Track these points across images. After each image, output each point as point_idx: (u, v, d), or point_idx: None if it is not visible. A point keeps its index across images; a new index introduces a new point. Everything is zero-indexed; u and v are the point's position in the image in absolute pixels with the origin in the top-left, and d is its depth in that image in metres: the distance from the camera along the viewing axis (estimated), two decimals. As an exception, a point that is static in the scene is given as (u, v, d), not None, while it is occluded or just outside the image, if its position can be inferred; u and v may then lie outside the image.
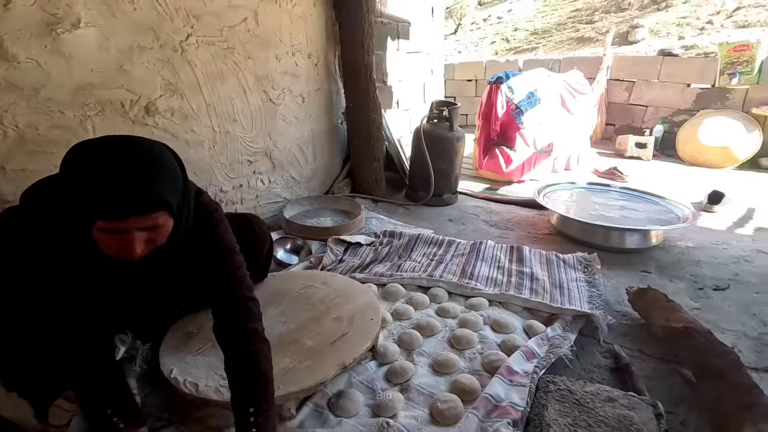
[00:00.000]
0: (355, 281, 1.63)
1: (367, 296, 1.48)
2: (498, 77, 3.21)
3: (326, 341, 1.25)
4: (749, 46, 3.85)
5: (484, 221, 2.64)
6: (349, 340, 1.26)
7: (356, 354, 1.20)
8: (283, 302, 1.45)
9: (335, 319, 1.36)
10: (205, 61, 1.96)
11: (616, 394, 1.09)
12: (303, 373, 1.13)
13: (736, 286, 1.87)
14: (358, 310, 1.40)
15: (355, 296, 1.48)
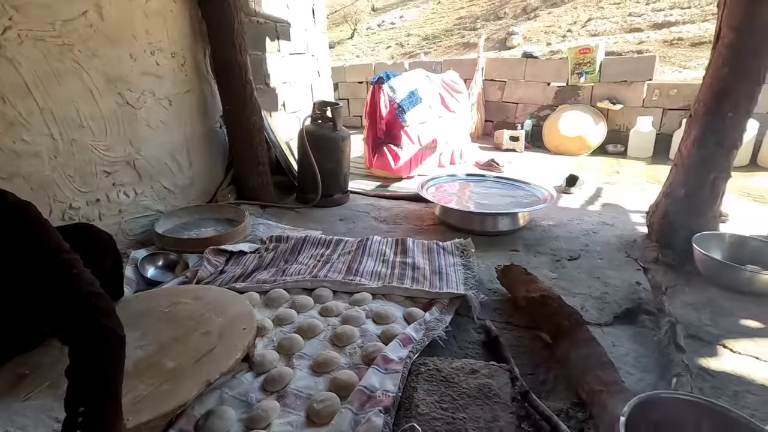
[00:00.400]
0: (231, 292, 1.54)
1: (242, 306, 1.40)
2: (379, 78, 3.30)
3: (190, 359, 1.15)
4: (590, 50, 4.49)
5: (374, 218, 2.69)
6: (216, 355, 1.17)
7: (223, 368, 1.12)
8: (143, 324, 1.31)
9: (203, 334, 1.26)
10: (33, 60, 1.70)
11: (479, 365, 1.17)
12: (159, 398, 1.02)
13: (585, 255, 2.14)
14: (230, 321, 1.31)
15: (227, 307, 1.38)
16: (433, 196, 2.65)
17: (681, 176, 1.97)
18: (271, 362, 1.30)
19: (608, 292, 1.80)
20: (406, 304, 1.66)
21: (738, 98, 1.77)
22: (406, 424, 0.99)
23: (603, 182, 3.51)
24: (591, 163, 4.24)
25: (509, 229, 2.40)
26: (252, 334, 1.27)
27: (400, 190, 3.20)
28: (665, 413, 0.94)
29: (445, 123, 3.76)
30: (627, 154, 4.40)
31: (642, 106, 4.40)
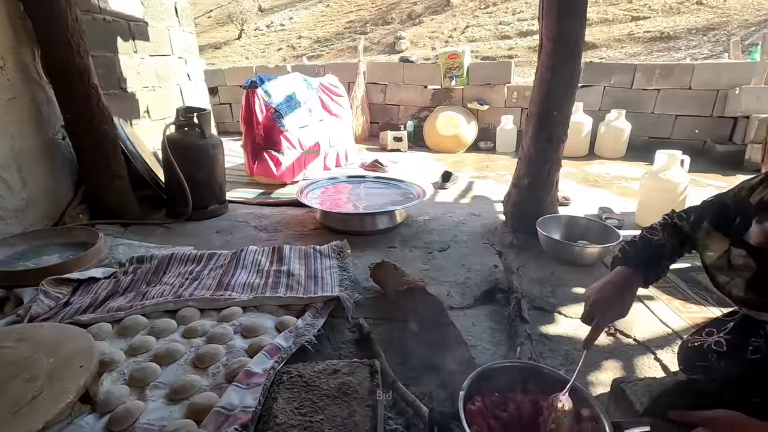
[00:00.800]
0: (71, 327, 1.35)
1: (80, 341, 1.23)
2: (252, 81, 3.19)
3: (6, 412, 0.99)
4: (458, 55, 4.89)
5: (254, 227, 2.59)
6: (41, 402, 1.02)
7: (48, 416, 0.98)
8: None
9: (26, 380, 1.08)
10: None
11: (341, 364, 1.20)
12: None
13: (454, 245, 2.33)
14: (64, 360, 1.15)
15: (62, 346, 1.21)
16: (313, 201, 2.65)
17: (524, 168, 2.25)
18: (119, 399, 1.17)
19: (471, 277, 1.97)
20: (280, 313, 1.63)
21: (560, 99, 2.07)
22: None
23: (474, 176, 3.84)
24: (466, 159, 4.62)
25: (388, 226, 2.50)
26: (90, 371, 1.12)
27: (284, 197, 3.14)
28: (498, 381, 1.06)
29: (327, 126, 3.78)
30: (496, 149, 4.88)
31: (504, 106, 4.92)
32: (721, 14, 9.53)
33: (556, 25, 1.95)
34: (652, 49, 9.14)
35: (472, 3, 13.22)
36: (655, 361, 1.44)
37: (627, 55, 9.20)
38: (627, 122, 4.25)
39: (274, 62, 12.38)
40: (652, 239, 1.05)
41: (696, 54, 8.34)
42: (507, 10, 12.23)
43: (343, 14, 15.51)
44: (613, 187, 3.50)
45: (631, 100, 4.46)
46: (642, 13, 10.52)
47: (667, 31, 9.52)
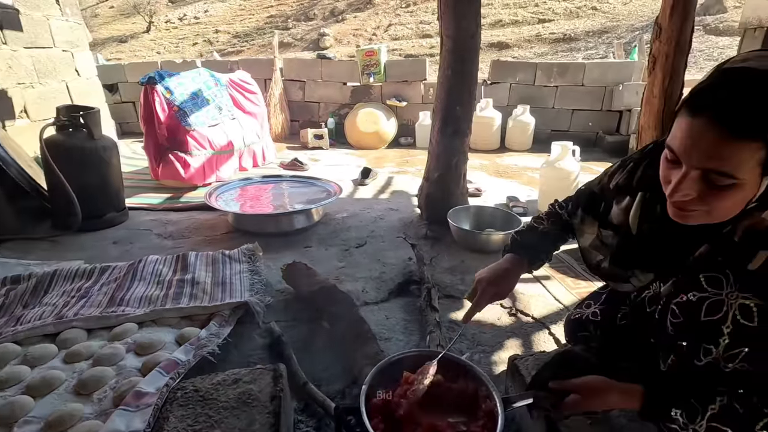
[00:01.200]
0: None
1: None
2: (150, 78, 2.94)
3: None
4: (374, 52, 4.93)
5: (158, 235, 2.40)
6: None
7: None
8: None
9: None
10: None
11: (243, 373, 1.14)
12: None
13: (371, 240, 2.34)
14: None
15: None
16: (226, 203, 2.52)
17: (434, 162, 2.32)
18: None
19: (386, 271, 2.00)
20: (182, 325, 1.52)
21: (462, 95, 2.16)
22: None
23: (395, 171, 3.91)
24: (387, 154, 4.68)
25: (305, 225, 2.45)
26: None
27: (194, 200, 2.94)
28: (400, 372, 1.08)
29: (240, 125, 3.61)
30: (416, 144, 5.01)
31: (422, 102, 5.06)
32: (612, 19, 10.66)
33: (454, 25, 2.03)
34: (557, 50, 9.97)
35: (394, 2, 13.46)
36: (549, 335, 1.56)
37: (536, 54, 9.94)
38: (531, 117, 4.59)
39: (190, 57, 11.66)
40: (538, 228, 1.14)
41: (593, 54, 9.24)
42: (427, 10, 12.60)
43: (263, 9, 14.98)
44: (521, 178, 3.76)
45: (535, 96, 4.81)
46: (547, 16, 11.43)
47: (568, 33, 10.43)
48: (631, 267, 0.88)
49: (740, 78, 0.59)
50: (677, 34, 2.08)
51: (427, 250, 2.18)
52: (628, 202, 0.88)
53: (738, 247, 0.69)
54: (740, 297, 0.67)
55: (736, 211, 0.66)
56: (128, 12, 16.03)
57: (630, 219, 0.87)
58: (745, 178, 0.60)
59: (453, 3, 1.98)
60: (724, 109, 0.59)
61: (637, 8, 10.81)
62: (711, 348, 0.71)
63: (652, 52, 2.20)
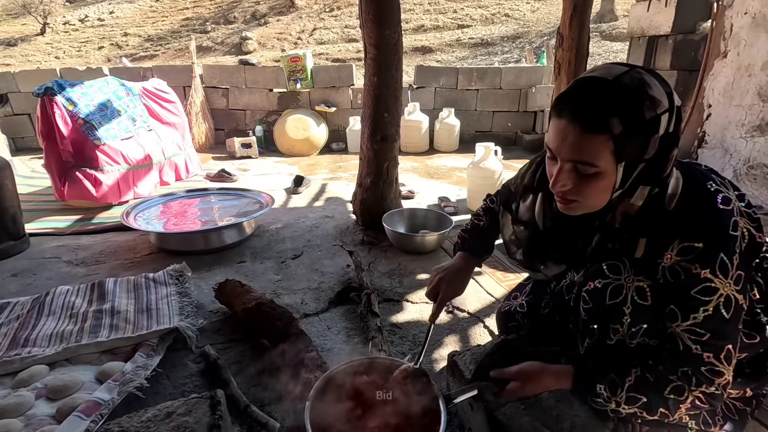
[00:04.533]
0: None
1: None
2: (47, 88, 2.65)
3: None
4: (300, 58, 4.86)
5: (66, 262, 2.17)
6: None
7: None
8: None
9: None
10: None
11: (176, 405, 1.07)
12: None
13: (307, 250, 2.31)
14: None
15: None
16: (146, 222, 2.34)
17: (366, 168, 2.35)
18: None
19: (324, 281, 1.98)
20: (102, 361, 1.39)
21: (388, 101, 2.21)
22: None
23: (328, 178, 3.89)
24: (320, 161, 4.64)
25: (237, 240, 2.35)
26: None
27: (110, 221, 2.69)
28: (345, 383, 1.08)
29: (159, 136, 3.37)
30: (348, 150, 5.01)
31: (351, 108, 5.08)
32: (523, 25, 11.48)
33: (376, 33, 2.07)
34: (476, 54, 10.52)
35: (317, 5, 13.36)
36: (484, 329, 1.65)
37: (458, 58, 10.42)
38: (456, 119, 4.80)
39: (96, 63, 10.66)
40: (479, 224, 1.21)
41: (509, 58, 9.88)
42: (351, 14, 12.67)
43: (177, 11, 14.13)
44: (451, 178, 3.92)
45: (458, 99, 5.04)
46: (465, 22, 12.02)
47: (486, 38, 11.06)
48: (542, 259, 0.97)
49: (588, 85, 0.72)
50: (576, 43, 2.30)
51: (364, 255, 2.19)
52: (532, 199, 0.98)
53: (622, 234, 0.79)
54: (635, 280, 0.78)
55: (606, 197, 0.77)
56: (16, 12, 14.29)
57: (535, 215, 0.96)
58: (604, 166, 0.72)
59: (375, 12, 2.02)
60: (577, 110, 0.71)
61: (544, 15, 11.77)
62: (617, 327, 0.81)
63: (556, 58, 2.42)
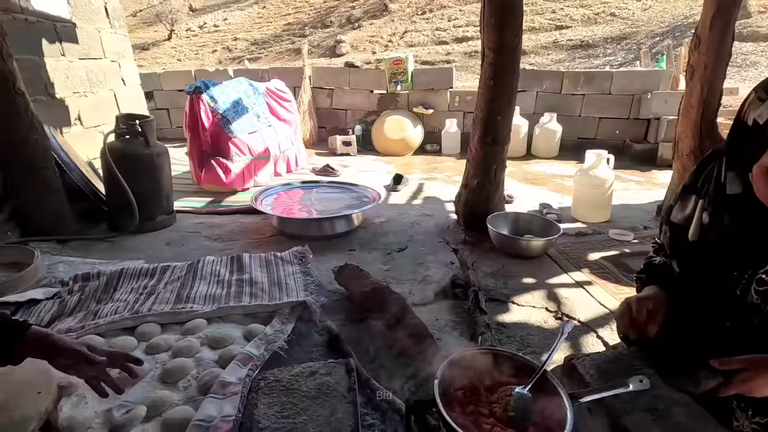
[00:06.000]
0: (15, 369, 1.24)
1: (32, 365, 1.14)
2: (196, 87, 3.09)
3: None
4: (402, 61, 5.03)
5: (206, 237, 2.52)
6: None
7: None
8: None
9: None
10: None
11: (317, 366, 1.23)
12: None
13: (411, 245, 2.42)
14: (17, 387, 1.07)
15: (11, 372, 1.12)
16: (269, 207, 2.62)
17: (473, 169, 2.39)
18: (83, 424, 1.12)
19: (429, 274, 2.07)
20: (246, 322, 1.61)
21: (502, 105, 2.24)
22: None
23: (424, 178, 3.99)
24: (414, 161, 4.77)
25: (345, 230, 2.54)
26: (51, 397, 1.06)
27: (236, 204, 3.06)
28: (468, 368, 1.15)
29: (276, 132, 3.74)
30: (442, 152, 5.08)
31: (448, 110, 5.14)
32: (632, 25, 10.60)
33: (496, 36, 2.11)
34: (574, 56, 9.96)
35: (410, 9, 13.60)
36: (597, 339, 1.61)
37: (553, 61, 9.95)
38: (558, 124, 4.62)
39: (211, 65, 11.89)
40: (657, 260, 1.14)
41: (612, 61, 9.21)
42: (443, 17, 12.71)
43: (281, 16, 15.25)
44: (550, 185, 3.80)
45: (561, 103, 4.85)
46: (564, 23, 11.42)
47: (586, 40, 10.41)
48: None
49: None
50: (717, 45, 2.12)
51: (467, 254, 2.24)
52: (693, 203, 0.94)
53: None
54: None
55: None
56: (150, 20, 16.49)
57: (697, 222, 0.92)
58: None
59: (496, 16, 2.06)
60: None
61: (657, 14, 10.75)
62: None
63: (690, 62, 2.25)
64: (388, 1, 13.78)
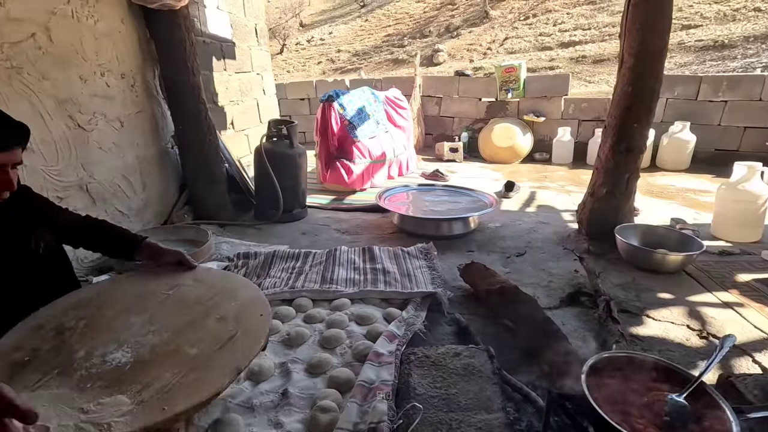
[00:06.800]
0: (233, 274, 1.49)
1: (251, 290, 1.30)
2: (329, 96, 3.43)
3: (212, 346, 1.06)
4: (515, 69, 4.99)
5: (335, 230, 2.79)
6: (239, 341, 1.08)
7: (251, 355, 1.05)
8: (149, 307, 1.20)
9: (218, 320, 1.16)
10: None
11: (460, 349, 1.34)
12: (191, 387, 0.93)
13: (530, 251, 2.42)
14: (244, 306, 1.22)
15: (236, 291, 1.28)
16: (390, 206, 2.82)
17: (602, 178, 2.32)
18: (268, 370, 1.36)
19: (553, 280, 2.07)
20: (383, 306, 1.79)
21: (640, 112, 2.15)
22: (407, 405, 1.12)
23: (535, 186, 3.91)
24: (522, 169, 4.69)
25: (462, 232, 2.63)
26: (269, 320, 1.18)
27: (356, 203, 3.33)
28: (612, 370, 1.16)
29: (391, 137, 3.98)
30: (552, 161, 4.92)
31: (561, 118, 4.96)
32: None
33: (639, 40, 2.04)
34: (704, 58, 8.85)
35: (512, 15, 13.24)
36: (753, 363, 1.49)
37: (677, 65, 8.94)
38: (691, 134, 4.20)
39: (315, 75, 12.79)
40: None
41: (754, 63, 8.00)
42: (548, 21, 12.16)
43: (381, 28, 15.86)
44: (678, 198, 3.49)
45: (697, 111, 4.39)
46: (693, 22, 10.21)
47: (721, 40, 9.19)
48: None
49: None
50: None
51: (592, 264, 2.18)
52: None
53: None
54: None
55: None
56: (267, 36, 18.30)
57: None
58: None
59: (643, 20, 2.00)
60: None
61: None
62: None
63: None
64: (489, 8, 13.59)
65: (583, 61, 9.90)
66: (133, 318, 1.16)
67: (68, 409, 0.86)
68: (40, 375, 0.94)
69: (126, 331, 1.11)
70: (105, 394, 0.90)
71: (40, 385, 0.91)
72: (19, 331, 1.09)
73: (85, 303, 1.22)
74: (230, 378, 0.97)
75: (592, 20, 11.48)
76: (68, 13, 1.98)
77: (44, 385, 0.92)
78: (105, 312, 1.19)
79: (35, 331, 1.08)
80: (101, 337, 1.08)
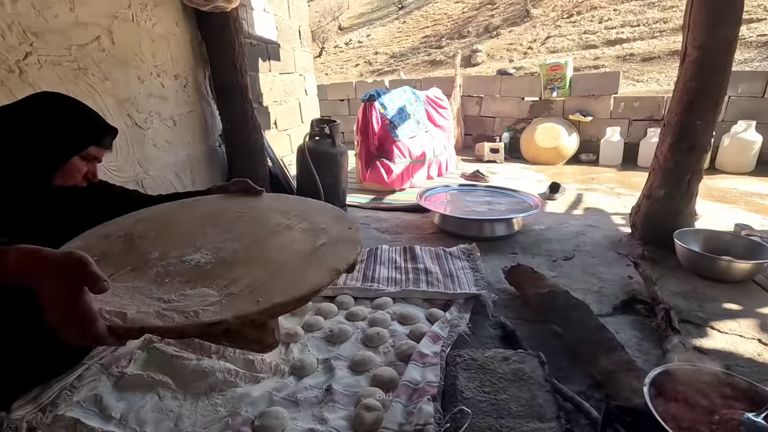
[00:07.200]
0: (309, 198, 1.31)
1: (332, 210, 1.21)
2: (370, 95, 3.44)
3: (302, 252, 0.95)
4: (561, 66, 4.81)
5: (375, 229, 2.79)
6: (332, 247, 0.98)
7: (350, 258, 0.95)
8: (224, 221, 1.10)
9: (303, 231, 1.05)
10: (51, 83, 1.73)
11: (509, 353, 1.29)
12: (284, 284, 0.82)
13: (578, 254, 2.32)
14: (330, 220, 1.13)
15: (317, 210, 1.20)
16: (431, 206, 2.78)
17: (659, 179, 2.19)
18: (311, 365, 1.36)
19: (604, 286, 1.96)
20: (425, 306, 1.75)
21: (704, 108, 2.00)
22: (454, 408, 1.09)
23: (581, 188, 3.75)
24: (567, 171, 4.51)
25: (505, 234, 2.55)
26: (360, 232, 1.11)
27: (396, 202, 3.32)
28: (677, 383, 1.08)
29: (431, 137, 3.94)
30: (599, 162, 4.70)
31: (610, 118, 4.74)
32: None
33: (705, 33, 1.90)
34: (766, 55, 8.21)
35: (554, 13, 12.82)
36: (839, 384, 1.34)
37: (737, 61, 8.32)
38: (758, 134, 3.89)
39: (353, 77, 12.91)
40: None
41: (829, 58, 7.35)
42: (593, 19, 11.68)
43: (419, 30, 15.78)
44: (741, 203, 3.24)
45: (763, 110, 4.07)
46: (756, 15, 9.50)
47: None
48: None
49: None
50: None
51: (647, 270, 2.06)
52: None
53: None
54: None
55: None
56: (306, 39, 18.67)
57: None
58: None
59: (709, 9, 1.86)
60: None
61: None
62: None
63: None
64: (531, 6, 13.22)
65: (631, 59, 9.44)
66: (208, 229, 1.05)
67: (147, 299, 0.76)
68: (113, 270, 0.84)
69: (202, 237, 1.00)
70: (188, 287, 0.80)
71: (114, 279, 0.80)
72: (85, 237, 0.99)
73: (153, 218, 1.12)
74: (330, 276, 0.87)
75: (642, 16, 10.93)
76: (129, 17, 2.09)
77: (118, 278, 0.81)
78: (176, 224, 1.08)
79: (102, 239, 0.98)
80: (175, 243, 0.97)
